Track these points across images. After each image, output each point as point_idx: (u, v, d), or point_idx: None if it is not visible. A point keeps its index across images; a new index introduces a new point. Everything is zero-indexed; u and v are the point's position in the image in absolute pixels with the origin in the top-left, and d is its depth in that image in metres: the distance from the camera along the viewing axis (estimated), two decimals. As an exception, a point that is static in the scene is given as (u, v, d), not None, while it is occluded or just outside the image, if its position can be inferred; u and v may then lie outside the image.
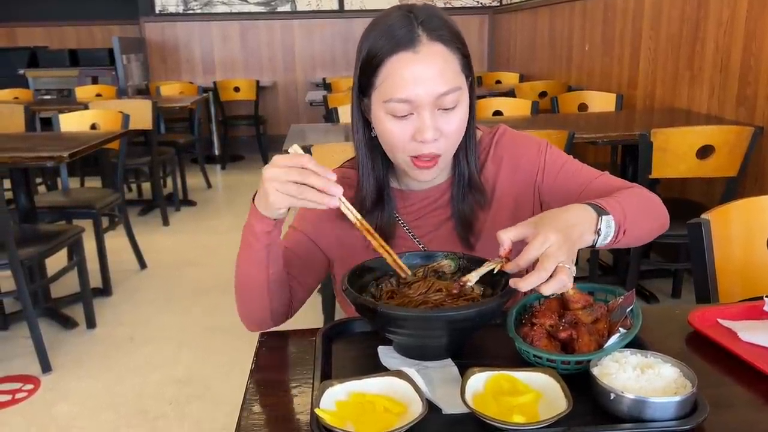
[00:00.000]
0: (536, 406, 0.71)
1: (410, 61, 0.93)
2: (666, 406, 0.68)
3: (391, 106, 0.95)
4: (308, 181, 0.83)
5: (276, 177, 0.84)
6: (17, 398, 2.29)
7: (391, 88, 0.94)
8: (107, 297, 3.15)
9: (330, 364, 0.85)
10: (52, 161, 2.41)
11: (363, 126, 1.05)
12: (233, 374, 2.40)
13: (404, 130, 0.96)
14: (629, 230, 0.92)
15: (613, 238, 0.90)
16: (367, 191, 1.06)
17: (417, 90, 0.93)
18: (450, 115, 0.96)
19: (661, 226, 1.03)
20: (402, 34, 0.93)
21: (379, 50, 0.95)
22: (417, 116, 0.95)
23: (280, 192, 0.84)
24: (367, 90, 0.99)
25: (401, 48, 0.93)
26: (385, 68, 0.95)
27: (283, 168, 0.84)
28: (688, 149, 2.28)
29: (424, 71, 0.93)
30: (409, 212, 1.10)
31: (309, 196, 0.83)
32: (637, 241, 0.99)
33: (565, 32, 4.55)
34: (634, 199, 0.97)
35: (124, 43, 5.95)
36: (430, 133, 0.94)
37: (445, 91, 0.94)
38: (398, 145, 0.98)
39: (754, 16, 2.50)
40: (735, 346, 0.84)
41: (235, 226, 4.32)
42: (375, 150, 1.05)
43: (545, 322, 0.83)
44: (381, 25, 0.96)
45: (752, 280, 1.25)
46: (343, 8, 6.52)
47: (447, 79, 0.94)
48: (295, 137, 2.53)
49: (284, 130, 3.31)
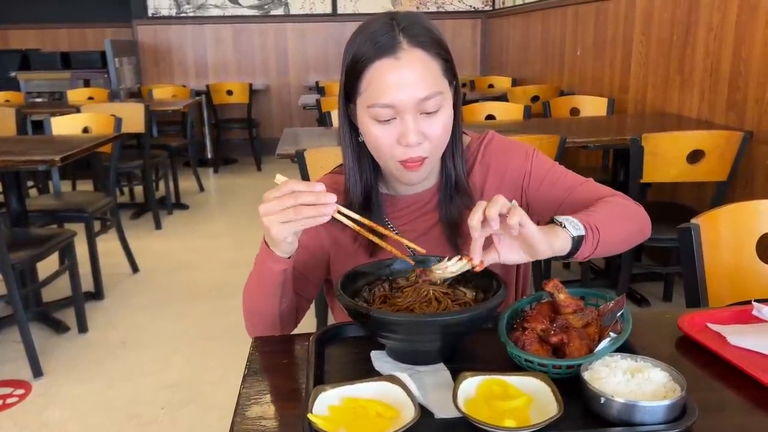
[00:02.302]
0: (527, 410, 0.71)
1: (392, 67, 0.95)
2: (655, 410, 0.68)
3: (375, 111, 0.97)
4: (300, 201, 0.84)
5: (271, 210, 0.86)
6: (8, 403, 2.27)
7: (374, 93, 0.96)
8: (99, 301, 3.14)
9: (323, 369, 0.85)
10: (44, 165, 2.39)
11: (350, 131, 1.07)
12: (226, 379, 2.40)
13: (389, 134, 0.98)
14: (604, 239, 0.94)
15: (587, 243, 0.92)
16: (355, 196, 1.07)
17: (399, 95, 0.95)
18: (433, 119, 0.98)
19: (640, 233, 1.05)
20: (384, 41, 0.96)
21: (362, 56, 0.97)
22: (400, 121, 0.97)
23: (279, 222, 0.86)
24: (352, 95, 1.01)
25: (383, 54, 0.95)
26: (368, 74, 0.97)
27: (274, 200, 0.85)
28: (679, 154, 2.30)
29: (405, 76, 0.95)
30: (399, 216, 1.11)
31: (306, 213, 0.84)
32: (614, 247, 1.00)
33: (558, 36, 4.58)
34: (606, 208, 1.00)
35: (116, 45, 5.93)
36: (413, 137, 0.96)
37: (426, 95, 0.96)
38: (384, 149, 0.99)
39: (743, 22, 2.53)
40: (724, 351, 0.85)
41: (227, 230, 4.32)
42: (362, 154, 1.07)
43: (537, 327, 0.84)
44: (365, 32, 0.99)
45: (741, 285, 1.26)
46: (336, 12, 6.53)
47: (428, 84, 0.96)
48: (288, 141, 2.53)
49: (277, 134, 3.31)
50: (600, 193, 1.06)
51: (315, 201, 0.84)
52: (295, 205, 0.84)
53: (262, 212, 0.86)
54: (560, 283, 0.88)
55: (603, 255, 0.99)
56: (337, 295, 0.86)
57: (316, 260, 1.12)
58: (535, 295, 0.92)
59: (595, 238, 0.93)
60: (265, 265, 0.97)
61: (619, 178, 2.98)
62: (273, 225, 0.87)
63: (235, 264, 3.57)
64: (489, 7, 6.52)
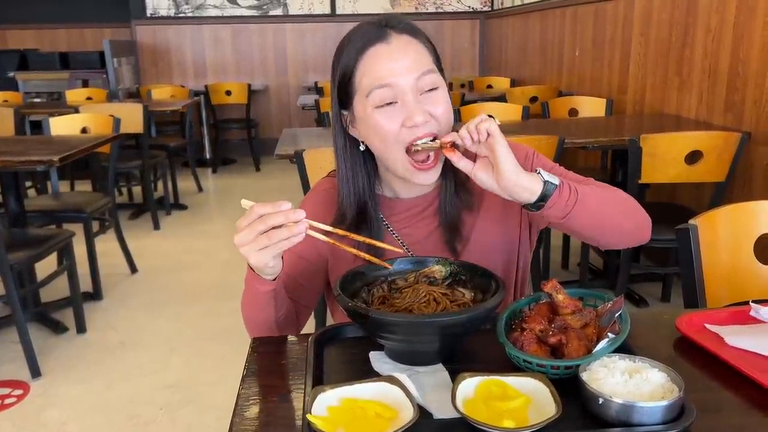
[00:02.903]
0: (526, 411, 0.72)
1: (383, 51, 0.98)
2: (653, 411, 0.68)
3: (374, 96, 0.97)
4: (270, 224, 0.83)
5: (244, 240, 0.85)
6: (6, 404, 2.27)
7: (370, 80, 0.98)
8: (97, 301, 3.14)
9: (322, 370, 0.85)
10: (42, 165, 2.39)
11: (345, 141, 1.06)
12: (225, 379, 2.39)
13: (393, 119, 0.98)
14: (583, 200, 0.94)
15: (561, 195, 0.93)
16: (348, 205, 1.07)
17: (394, 75, 0.97)
18: (433, 97, 0.99)
19: (637, 223, 1.04)
20: (371, 34, 0.99)
21: (351, 56, 0.99)
22: (402, 104, 0.98)
23: (255, 251, 0.85)
24: (347, 100, 1.02)
25: (372, 43, 0.98)
26: (361, 66, 0.99)
27: (245, 228, 0.84)
28: (677, 154, 2.30)
29: (398, 57, 0.97)
30: (398, 220, 1.10)
31: (280, 236, 0.83)
32: (598, 221, 0.99)
33: (556, 37, 4.58)
34: (596, 186, 1.01)
35: (115, 46, 5.93)
36: (418, 116, 0.97)
37: (422, 71, 0.98)
38: (391, 137, 0.98)
39: (741, 23, 2.53)
40: (722, 351, 0.85)
41: (226, 230, 4.31)
42: (356, 163, 1.07)
43: (535, 327, 0.84)
44: (351, 38, 1.01)
45: (739, 285, 1.26)
46: (335, 12, 6.53)
47: (422, 63, 0.99)
48: (286, 141, 2.53)
49: (276, 134, 3.31)
50: (602, 186, 1.06)
51: (285, 221, 0.83)
52: (266, 230, 0.83)
53: (237, 243, 0.85)
54: (559, 284, 0.88)
55: (589, 229, 0.98)
56: (336, 296, 0.86)
57: (314, 267, 1.11)
58: (533, 296, 0.92)
59: (572, 197, 0.94)
60: (253, 287, 0.96)
61: (618, 178, 2.98)
62: (250, 254, 0.86)
63: (233, 264, 3.56)
64: (488, 7, 6.52)
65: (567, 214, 0.94)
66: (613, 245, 1.07)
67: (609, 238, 1.03)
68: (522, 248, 1.12)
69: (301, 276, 1.09)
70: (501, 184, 0.92)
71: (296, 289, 1.09)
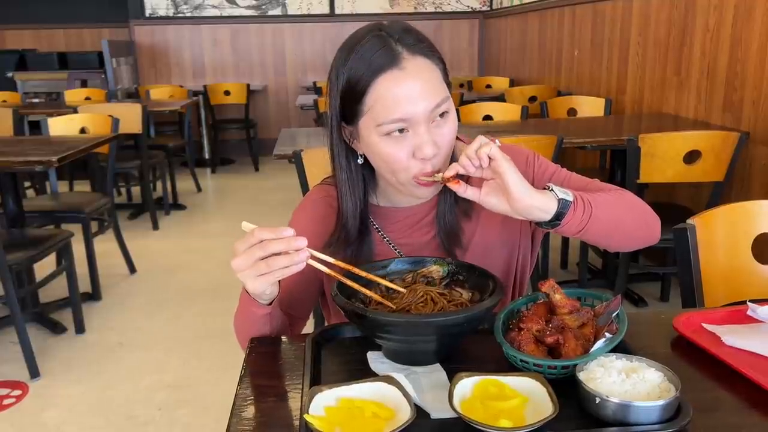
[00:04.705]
0: (523, 411, 0.72)
1: (398, 79, 0.91)
2: (650, 410, 0.69)
3: (386, 128, 0.92)
4: (270, 251, 0.81)
5: (242, 265, 0.83)
6: (5, 404, 2.27)
7: (382, 110, 0.92)
8: (96, 302, 3.13)
9: (319, 370, 0.85)
10: (41, 166, 2.39)
11: (346, 154, 1.02)
12: (223, 380, 2.39)
13: (402, 148, 0.93)
14: (597, 215, 0.92)
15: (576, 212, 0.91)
16: (348, 217, 1.03)
17: (410, 107, 0.91)
18: (443, 126, 0.95)
19: (645, 225, 1.02)
20: (383, 55, 0.91)
21: (361, 75, 0.92)
22: (413, 133, 0.93)
23: (253, 276, 0.83)
24: (352, 118, 0.97)
25: (386, 68, 0.91)
26: (372, 92, 0.92)
27: (244, 253, 0.83)
28: (676, 154, 2.31)
29: (414, 87, 0.91)
30: (395, 230, 1.08)
31: (279, 264, 0.82)
32: (613, 231, 0.97)
33: (555, 37, 4.58)
34: (606, 194, 0.98)
35: (113, 46, 5.92)
36: (429, 149, 0.92)
37: (437, 103, 0.93)
38: (399, 167, 0.95)
39: (739, 23, 2.53)
40: (719, 351, 0.85)
41: (225, 230, 4.31)
42: (357, 176, 1.03)
43: (532, 327, 0.84)
44: (357, 50, 0.93)
45: (737, 285, 1.26)
46: (334, 12, 6.53)
47: (437, 91, 0.93)
48: (285, 141, 2.53)
49: (275, 134, 3.31)
50: (607, 190, 1.03)
51: (286, 248, 0.81)
52: (265, 257, 0.81)
53: (234, 268, 0.83)
54: (556, 284, 0.88)
55: (602, 239, 0.96)
56: (334, 296, 0.86)
57: (309, 277, 1.07)
58: (531, 296, 0.93)
59: (586, 211, 0.91)
60: (248, 309, 0.95)
61: (617, 178, 2.98)
62: (248, 280, 0.84)
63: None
64: (486, 7, 6.52)
65: (581, 230, 0.92)
66: (624, 249, 1.06)
67: (621, 243, 1.02)
68: (521, 251, 1.10)
69: (296, 288, 1.07)
70: (514, 207, 0.88)
71: (291, 302, 1.06)
